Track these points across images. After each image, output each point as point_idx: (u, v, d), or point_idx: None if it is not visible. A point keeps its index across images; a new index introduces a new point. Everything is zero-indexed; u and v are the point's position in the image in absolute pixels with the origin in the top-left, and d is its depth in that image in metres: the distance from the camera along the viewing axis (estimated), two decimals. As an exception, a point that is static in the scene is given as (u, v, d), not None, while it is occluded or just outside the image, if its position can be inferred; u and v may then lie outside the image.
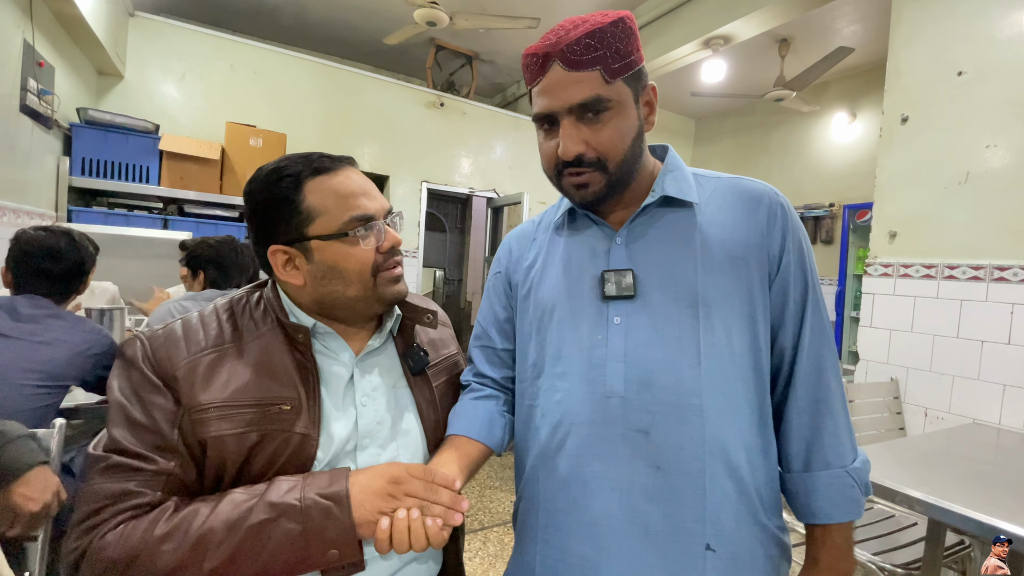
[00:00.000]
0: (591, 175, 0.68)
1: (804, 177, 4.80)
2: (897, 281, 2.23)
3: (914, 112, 2.19)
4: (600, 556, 0.66)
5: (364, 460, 0.70)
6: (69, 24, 2.63)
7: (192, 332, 0.68)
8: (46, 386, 1.18)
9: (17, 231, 1.35)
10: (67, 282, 1.36)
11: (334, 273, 0.69)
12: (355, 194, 0.70)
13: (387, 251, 0.71)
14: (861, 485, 0.69)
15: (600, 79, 0.64)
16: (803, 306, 0.71)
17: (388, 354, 0.79)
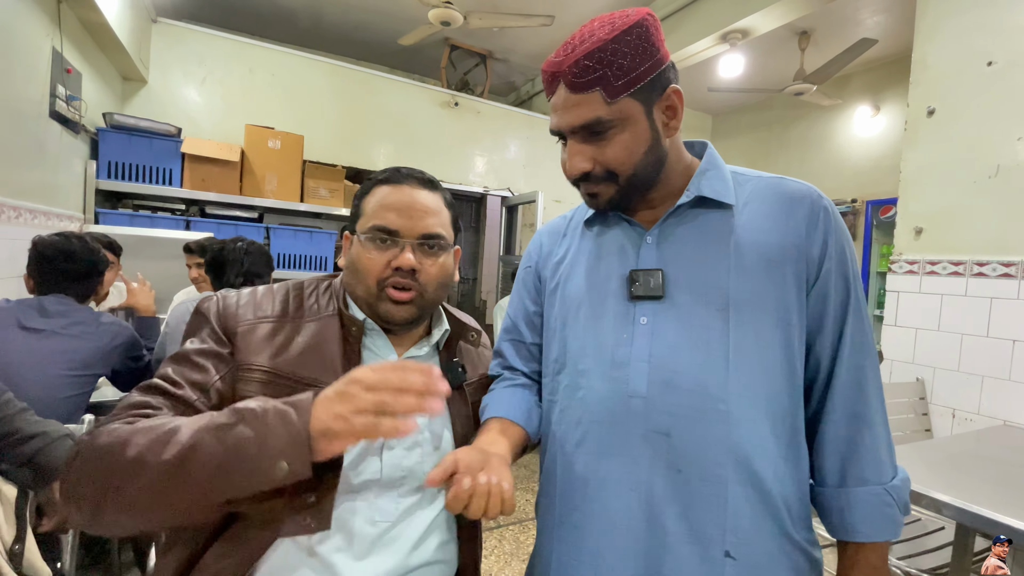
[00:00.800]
0: (600, 187, 0.69)
1: (825, 172, 4.71)
2: (923, 279, 2.18)
3: (941, 104, 2.14)
4: (616, 556, 0.66)
5: (389, 459, 0.71)
6: (95, 31, 2.70)
7: (261, 301, 0.75)
8: (77, 375, 1.28)
9: (33, 238, 1.43)
10: (84, 281, 1.45)
11: (354, 268, 0.75)
12: (390, 207, 0.74)
13: (396, 269, 0.73)
14: (900, 504, 0.66)
15: (601, 100, 0.63)
16: (843, 314, 0.68)
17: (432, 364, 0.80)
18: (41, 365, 1.22)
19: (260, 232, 3.30)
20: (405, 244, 0.73)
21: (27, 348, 1.23)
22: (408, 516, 0.71)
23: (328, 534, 0.66)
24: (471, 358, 0.86)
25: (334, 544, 0.66)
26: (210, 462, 0.53)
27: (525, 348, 0.86)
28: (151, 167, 3.02)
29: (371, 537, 0.68)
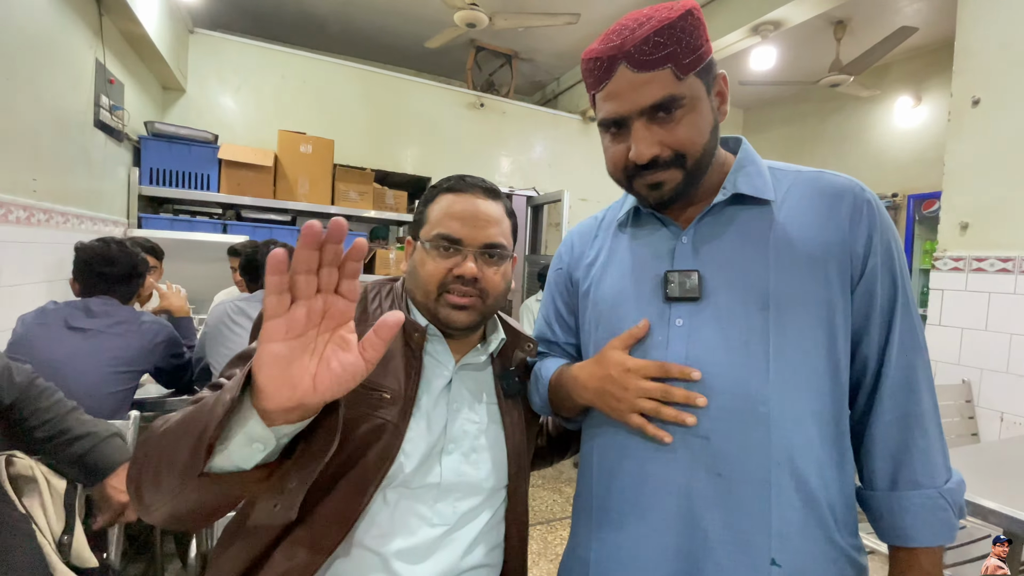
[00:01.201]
0: (667, 174, 0.65)
1: (864, 166, 4.54)
2: (969, 276, 2.08)
3: (986, 94, 2.03)
4: (655, 558, 0.65)
5: (448, 464, 0.73)
6: (136, 43, 2.82)
7: None
8: (121, 372, 1.35)
9: (75, 245, 1.52)
10: (125, 284, 1.53)
11: (415, 273, 0.77)
12: (454, 216, 0.75)
13: (458, 277, 0.74)
14: (955, 508, 0.63)
15: (671, 77, 0.61)
16: (891, 312, 0.65)
17: (486, 372, 0.83)
18: (87, 363, 1.29)
19: (293, 235, 3.39)
20: (468, 253, 0.74)
21: (74, 347, 1.30)
22: (464, 522, 0.74)
23: (394, 537, 0.68)
24: (525, 367, 0.87)
25: (397, 547, 0.68)
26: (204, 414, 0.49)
27: (559, 348, 0.86)
28: (190, 173, 3.13)
29: (430, 540, 0.70)
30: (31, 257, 1.87)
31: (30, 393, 0.97)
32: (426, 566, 0.69)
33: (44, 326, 1.35)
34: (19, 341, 1.33)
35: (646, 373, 0.64)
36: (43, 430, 0.98)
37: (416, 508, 0.70)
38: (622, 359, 0.67)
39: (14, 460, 0.94)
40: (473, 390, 0.80)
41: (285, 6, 4.10)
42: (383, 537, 0.68)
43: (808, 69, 4.39)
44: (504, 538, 0.80)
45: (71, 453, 1.00)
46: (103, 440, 1.03)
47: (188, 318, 1.96)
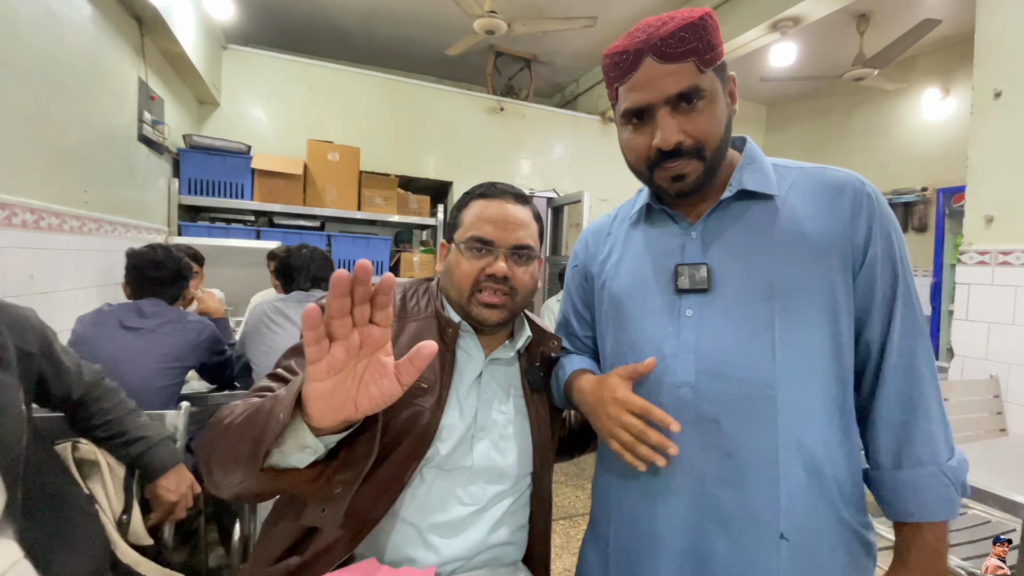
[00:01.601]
0: (689, 164, 0.68)
1: (892, 160, 4.45)
2: (995, 269, 2.05)
3: (1008, 86, 2.00)
4: (672, 535, 0.69)
5: (479, 450, 0.80)
6: (174, 60, 2.98)
7: None
8: (169, 367, 1.46)
9: (127, 251, 1.65)
10: (171, 286, 1.66)
11: (450, 273, 0.83)
12: (486, 220, 0.81)
13: (490, 276, 0.80)
14: (957, 484, 0.66)
15: (695, 70, 0.65)
16: (892, 299, 0.68)
17: (513, 368, 0.89)
18: (140, 359, 1.41)
19: (322, 240, 3.52)
20: (499, 253, 0.80)
21: (128, 345, 1.42)
22: (493, 503, 0.80)
23: (431, 513, 0.75)
24: (549, 363, 0.92)
25: (432, 521, 0.75)
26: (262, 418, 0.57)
27: (579, 341, 0.92)
28: (225, 182, 3.30)
29: (462, 517, 0.77)
30: (84, 263, 2.01)
31: (96, 392, 1.07)
32: (458, 540, 0.76)
33: (101, 326, 1.47)
34: (79, 340, 1.45)
35: (631, 408, 0.68)
36: (103, 430, 1.07)
37: (450, 488, 0.77)
38: (616, 387, 0.71)
39: (79, 446, 1.05)
40: (502, 383, 0.86)
41: (312, 20, 4.26)
42: (420, 511, 0.75)
43: (831, 63, 4.33)
44: (529, 521, 0.86)
45: (126, 454, 1.09)
46: (156, 444, 1.12)
47: (224, 319, 2.08)
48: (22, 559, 0.83)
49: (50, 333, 0.99)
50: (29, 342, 0.92)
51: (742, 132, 0.79)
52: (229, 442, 0.60)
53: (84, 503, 0.97)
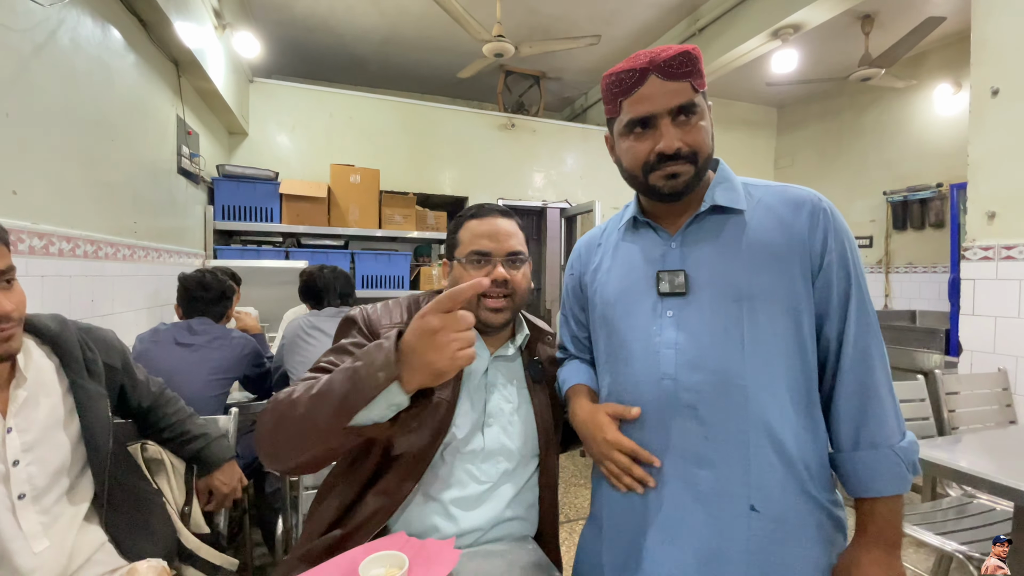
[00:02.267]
0: (684, 167, 0.78)
1: (905, 157, 4.44)
2: (999, 264, 2.09)
3: (1005, 83, 2.06)
4: (657, 509, 0.79)
5: (490, 434, 0.93)
6: (207, 97, 3.21)
7: (392, 311, 0.97)
8: (219, 378, 1.62)
9: (179, 276, 1.86)
10: (217, 305, 1.84)
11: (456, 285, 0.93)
12: (482, 235, 0.94)
13: (492, 281, 0.91)
14: (907, 463, 0.74)
15: (691, 89, 0.76)
16: (846, 301, 0.77)
17: (516, 363, 1.02)
18: (192, 372, 1.57)
19: (346, 258, 3.70)
20: (497, 262, 0.92)
21: (182, 359, 1.59)
22: (504, 480, 0.92)
23: (451, 489, 0.88)
24: (549, 357, 1.06)
25: (452, 496, 0.88)
26: (340, 389, 0.68)
27: (580, 341, 1.03)
28: (256, 207, 3.51)
29: (478, 493, 0.90)
30: (134, 288, 2.21)
31: (161, 401, 1.22)
32: (475, 513, 0.88)
33: (157, 343, 1.65)
34: (140, 356, 1.63)
35: (620, 448, 0.81)
36: (169, 431, 1.23)
37: (466, 467, 0.90)
38: (606, 428, 0.83)
39: (147, 447, 1.20)
40: (507, 376, 0.99)
41: (330, 50, 4.50)
42: (442, 488, 0.88)
43: (838, 65, 4.37)
44: (538, 499, 0.98)
45: (189, 450, 1.24)
46: (214, 440, 1.27)
47: (262, 334, 2.25)
48: (107, 542, 0.97)
49: (127, 351, 1.15)
50: (113, 358, 1.08)
51: (754, 135, 0.90)
52: (305, 412, 0.70)
53: (154, 496, 1.12)
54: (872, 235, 4.72)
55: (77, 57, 1.83)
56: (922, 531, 1.48)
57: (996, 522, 1.52)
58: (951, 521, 1.55)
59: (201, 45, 2.77)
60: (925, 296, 4.31)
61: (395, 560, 0.72)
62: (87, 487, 0.98)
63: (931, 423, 1.81)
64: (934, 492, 1.88)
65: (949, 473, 1.23)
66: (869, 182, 4.70)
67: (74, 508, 0.95)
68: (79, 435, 0.96)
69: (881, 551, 0.73)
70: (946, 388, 1.87)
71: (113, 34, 2.10)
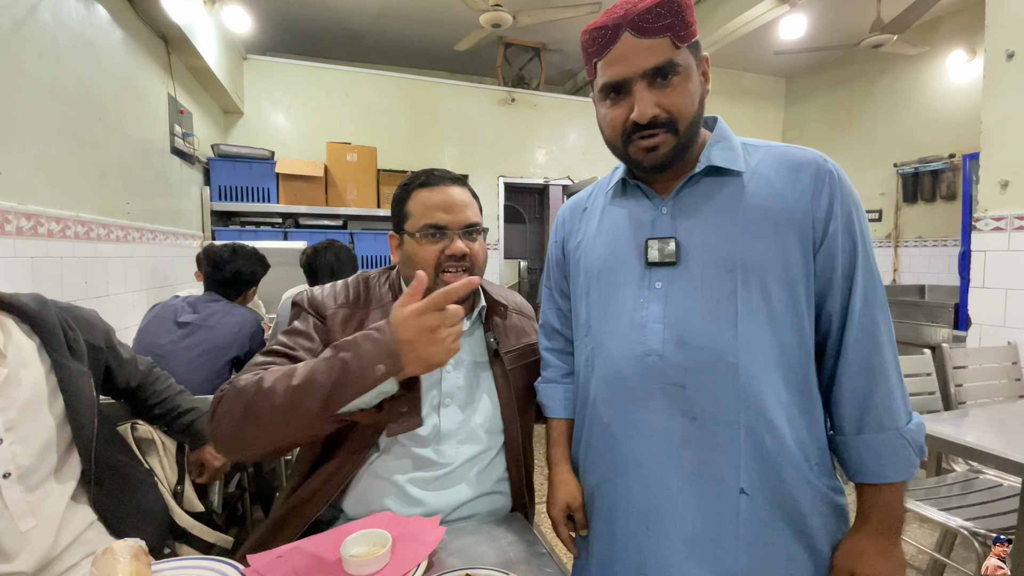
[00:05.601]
0: (663, 136, 0.70)
1: (917, 127, 4.32)
2: (1012, 235, 2.03)
3: (1021, 46, 1.97)
4: (642, 494, 0.74)
5: (445, 414, 0.90)
6: (199, 75, 3.15)
7: (338, 292, 0.94)
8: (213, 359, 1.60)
9: (206, 245, 1.85)
10: (228, 287, 1.81)
11: (410, 261, 0.91)
12: (436, 207, 0.89)
13: (449, 256, 0.88)
14: (915, 447, 0.69)
15: (670, 45, 0.68)
16: (852, 272, 0.70)
17: (476, 336, 0.98)
18: (182, 354, 1.56)
19: (345, 237, 3.67)
20: (453, 235, 0.88)
21: (178, 339, 1.59)
22: (468, 460, 0.90)
23: (407, 471, 0.86)
24: (502, 330, 1.00)
25: (409, 477, 0.86)
26: (327, 380, 0.70)
27: (565, 315, 0.95)
28: (252, 188, 3.48)
29: (439, 475, 0.87)
30: (129, 269, 2.20)
31: (150, 379, 1.21)
32: (438, 495, 0.86)
33: (158, 319, 1.66)
34: (142, 330, 1.66)
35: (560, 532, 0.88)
36: (160, 407, 1.22)
37: (420, 452, 0.87)
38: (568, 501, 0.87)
39: (137, 426, 1.19)
40: (465, 353, 0.95)
41: (324, 25, 4.39)
42: (396, 470, 0.86)
43: (848, 31, 4.22)
44: (506, 472, 0.95)
45: (181, 423, 1.24)
46: (205, 413, 1.26)
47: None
48: (96, 521, 0.97)
49: (111, 330, 1.14)
50: (96, 338, 1.07)
51: (762, 107, 0.82)
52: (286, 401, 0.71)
53: (145, 475, 1.12)
54: (882, 208, 4.62)
55: (60, 33, 1.78)
56: (926, 507, 1.45)
57: (1003, 498, 1.50)
58: (956, 497, 1.53)
59: (190, 21, 2.70)
60: (934, 270, 4.23)
61: (378, 538, 0.71)
62: (75, 466, 0.97)
63: (937, 397, 1.78)
64: (939, 467, 1.86)
65: (955, 448, 1.20)
66: (879, 153, 4.58)
67: (61, 487, 0.94)
68: (64, 414, 0.95)
69: (885, 540, 0.69)
70: (954, 362, 1.84)
71: (98, 9, 2.05)
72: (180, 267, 2.78)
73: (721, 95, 5.30)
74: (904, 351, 2.43)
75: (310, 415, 0.70)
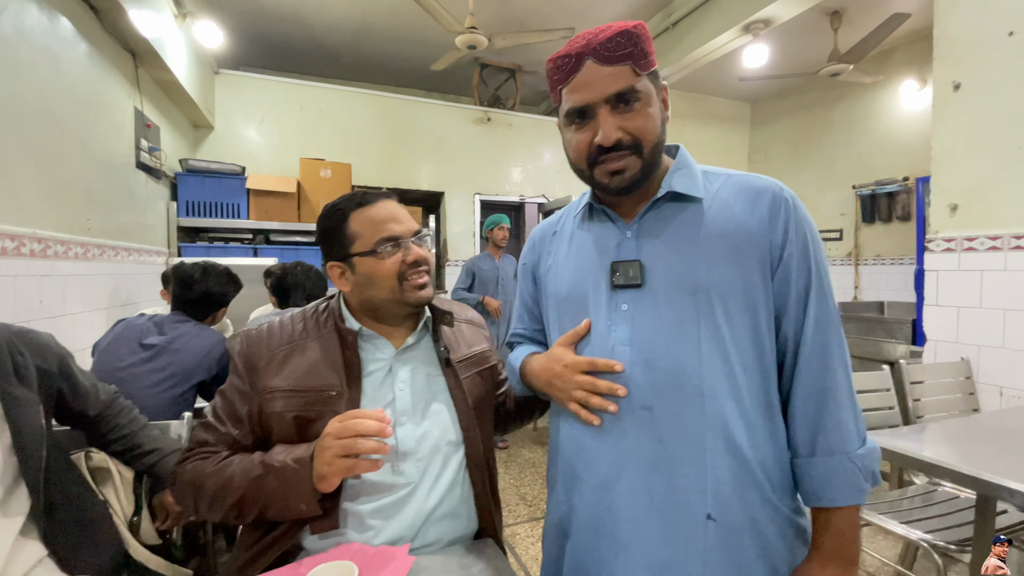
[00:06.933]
0: (628, 160, 0.72)
1: (873, 151, 4.54)
2: (961, 255, 2.13)
3: (966, 78, 2.09)
4: (610, 517, 0.74)
5: (402, 434, 0.87)
6: (168, 88, 3.10)
7: (276, 331, 0.92)
8: (177, 384, 1.50)
9: (175, 263, 1.75)
10: (196, 307, 1.70)
11: (369, 281, 0.89)
12: (385, 220, 0.89)
13: (411, 263, 0.88)
14: (865, 472, 0.69)
15: (631, 72, 0.70)
16: (807, 295, 0.71)
17: (426, 348, 0.96)
18: (150, 376, 1.48)
19: (317, 254, 3.61)
20: (409, 243, 0.89)
21: (140, 362, 1.49)
22: (428, 475, 0.87)
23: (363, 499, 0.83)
24: (452, 338, 0.99)
25: (369, 507, 0.83)
26: (254, 504, 0.79)
27: (527, 338, 0.95)
28: (222, 203, 3.41)
29: (398, 499, 0.84)
30: (89, 287, 2.12)
31: (112, 411, 1.15)
32: (396, 520, 0.83)
33: (121, 339, 1.56)
34: (105, 349, 1.56)
35: (579, 368, 0.75)
36: (120, 443, 1.16)
37: (378, 477, 0.84)
38: (562, 355, 0.77)
39: (91, 455, 1.14)
40: (417, 367, 0.93)
41: (300, 41, 4.38)
42: (355, 499, 0.83)
43: (808, 60, 4.44)
44: (470, 483, 0.92)
45: (143, 463, 1.18)
46: (166, 456, 1.20)
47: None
48: (46, 557, 0.92)
49: (67, 355, 1.09)
50: (48, 362, 1.02)
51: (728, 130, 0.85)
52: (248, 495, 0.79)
53: (99, 507, 1.06)
54: (842, 228, 4.81)
55: (21, 45, 1.73)
56: (888, 520, 1.49)
57: (960, 509, 1.55)
58: (917, 509, 1.58)
59: (159, 34, 2.67)
60: (893, 287, 4.41)
61: (343, 569, 0.69)
62: (23, 499, 0.92)
63: (896, 412, 1.84)
64: (901, 479, 1.92)
65: (914, 463, 1.24)
66: (839, 176, 4.78)
67: (8, 521, 0.89)
68: (10, 445, 0.90)
69: (837, 568, 0.70)
70: (911, 377, 1.90)
71: (62, 22, 2.00)
72: (144, 284, 2.70)
73: (689, 118, 5.48)
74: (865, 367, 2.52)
75: (244, 519, 0.81)
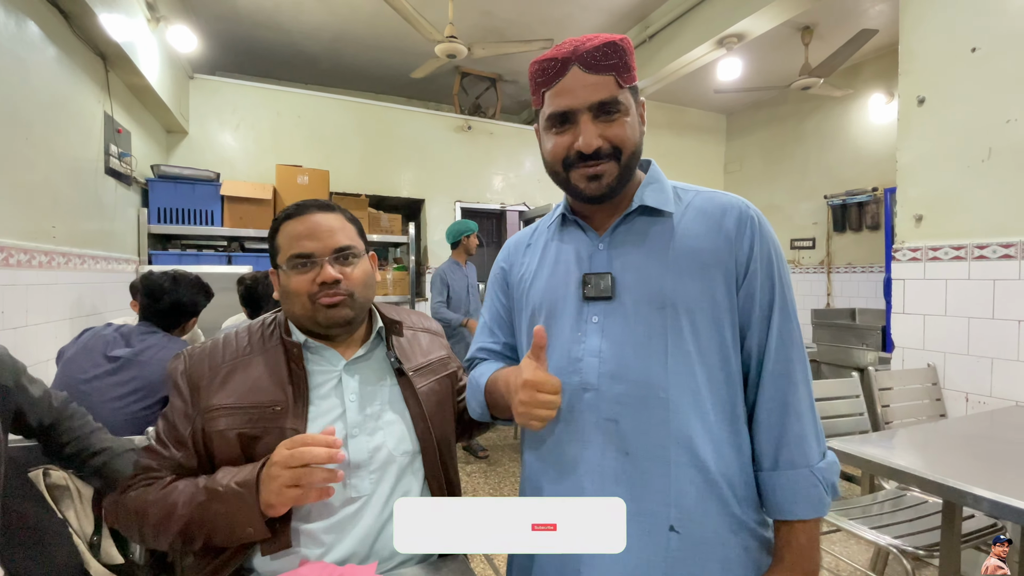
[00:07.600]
0: (606, 166, 0.73)
1: (844, 162, 4.67)
2: (927, 265, 2.20)
3: (931, 92, 2.17)
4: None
5: (354, 445, 0.84)
6: (140, 93, 3.03)
7: (219, 348, 0.89)
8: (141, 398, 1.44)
9: (144, 272, 1.68)
10: (166, 317, 1.65)
11: (287, 294, 0.88)
12: (300, 236, 0.86)
13: (322, 284, 0.85)
14: (826, 484, 0.71)
15: (615, 83, 0.71)
16: (770, 311, 0.73)
17: (379, 359, 0.94)
18: (114, 390, 1.42)
19: (293, 262, 3.56)
20: (323, 261, 0.85)
21: (104, 375, 1.43)
22: (383, 487, 0.84)
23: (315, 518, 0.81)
24: (404, 347, 0.97)
25: (321, 525, 0.80)
26: (200, 531, 0.77)
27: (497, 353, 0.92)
28: (195, 210, 3.34)
29: (351, 514, 0.81)
30: (54, 297, 2.04)
31: (64, 414, 1.11)
32: (350, 536, 0.81)
33: (86, 350, 1.49)
34: (67, 359, 1.49)
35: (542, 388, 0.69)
36: (71, 447, 1.11)
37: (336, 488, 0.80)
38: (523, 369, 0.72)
39: (50, 472, 1.09)
40: (369, 378, 0.91)
41: (278, 46, 4.34)
42: (306, 518, 0.81)
43: (780, 73, 4.55)
44: (429, 493, 0.90)
45: (92, 465, 1.13)
46: (117, 455, 1.15)
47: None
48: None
49: (20, 367, 1.04)
50: (5, 378, 0.97)
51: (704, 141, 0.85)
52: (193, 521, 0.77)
53: (58, 527, 1.02)
54: (815, 237, 4.93)
55: (-18, 47, 1.68)
56: (858, 526, 1.52)
57: (928, 514, 1.59)
58: (887, 515, 1.61)
59: (131, 39, 2.61)
60: (864, 295, 4.53)
61: (312, 591, 0.67)
62: (-26, 521, 0.88)
63: (866, 418, 1.88)
64: (872, 484, 1.96)
65: (882, 470, 1.26)
66: (811, 186, 4.91)
67: (-42, 545, 0.85)
68: None
69: None
70: (880, 384, 1.95)
71: (28, 26, 1.95)
72: (111, 293, 2.62)
73: (666, 128, 5.57)
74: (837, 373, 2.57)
75: (188, 547, 0.79)
